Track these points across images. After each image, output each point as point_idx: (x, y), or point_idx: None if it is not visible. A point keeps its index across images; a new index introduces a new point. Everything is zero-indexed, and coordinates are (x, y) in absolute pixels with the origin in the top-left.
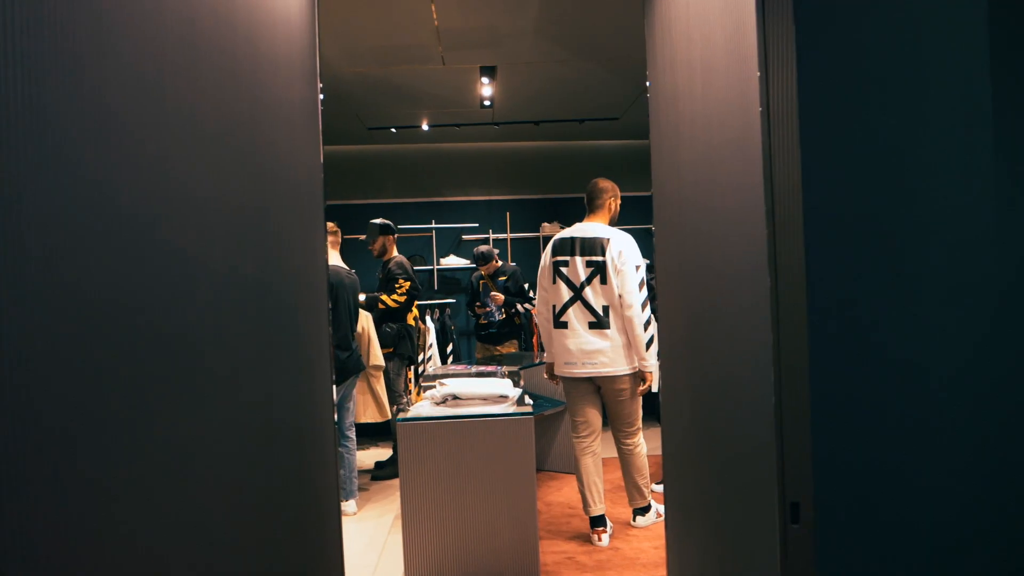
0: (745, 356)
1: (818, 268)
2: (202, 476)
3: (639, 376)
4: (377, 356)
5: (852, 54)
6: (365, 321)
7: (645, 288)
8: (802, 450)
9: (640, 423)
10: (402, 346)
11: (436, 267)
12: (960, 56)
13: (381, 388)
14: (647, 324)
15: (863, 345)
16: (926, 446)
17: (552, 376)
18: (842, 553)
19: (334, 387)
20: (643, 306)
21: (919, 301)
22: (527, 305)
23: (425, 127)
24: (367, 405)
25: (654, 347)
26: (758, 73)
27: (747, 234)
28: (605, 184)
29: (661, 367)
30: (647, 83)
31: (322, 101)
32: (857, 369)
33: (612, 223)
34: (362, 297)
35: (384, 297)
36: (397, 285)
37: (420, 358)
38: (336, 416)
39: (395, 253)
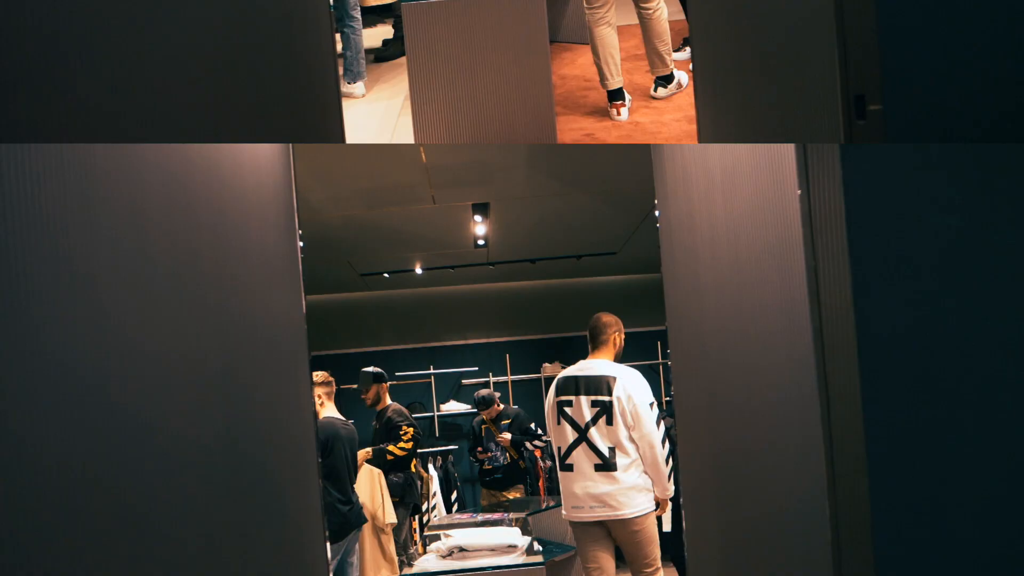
0: (797, 496)
1: (873, 391)
2: None
3: (655, 508)
4: (390, 514)
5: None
6: (377, 478)
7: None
8: None
9: (659, 562)
10: (409, 495)
11: (436, 413)
12: None
13: (392, 547)
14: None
15: (924, 479)
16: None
17: None
18: None
19: (328, 545)
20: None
21: (989, 426)
22: (536, 442)
23: (419, 271)
24: (379, 566)
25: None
26: (799, 191)
27: (790, 359)
28: (608, 319)
29: (683, 507)
30: (655, 211)
31: (307, 248)
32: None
33: (618, 359)
34: (367, 451)
35: (391, 447)
36: (401, 432)
37: (424, 507)
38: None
39: (388, 401)
